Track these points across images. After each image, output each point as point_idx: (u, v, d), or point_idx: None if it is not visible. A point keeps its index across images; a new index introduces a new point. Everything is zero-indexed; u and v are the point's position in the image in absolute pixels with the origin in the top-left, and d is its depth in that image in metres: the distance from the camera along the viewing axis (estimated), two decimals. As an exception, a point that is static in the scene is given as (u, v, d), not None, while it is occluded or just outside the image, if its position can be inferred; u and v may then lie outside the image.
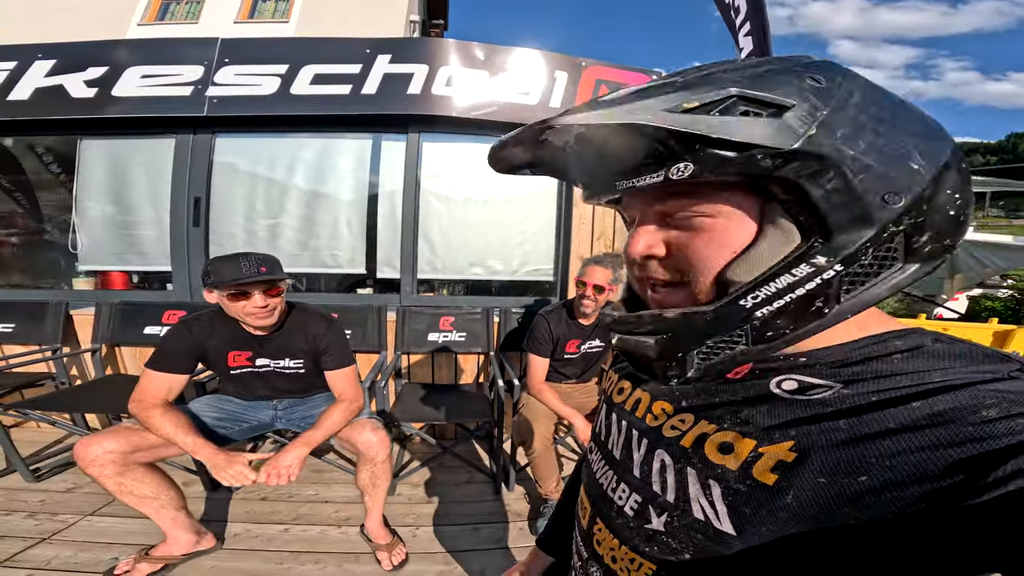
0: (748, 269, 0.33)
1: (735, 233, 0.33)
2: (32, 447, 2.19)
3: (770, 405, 0.35)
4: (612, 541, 0.44)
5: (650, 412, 0.45)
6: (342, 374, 1.62)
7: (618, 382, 0.54)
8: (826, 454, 0.30)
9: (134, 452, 1.35)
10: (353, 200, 2.67)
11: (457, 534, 1.74)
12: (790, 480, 0.31)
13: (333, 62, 2.43)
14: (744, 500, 0.33)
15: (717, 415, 0.38)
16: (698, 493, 0.36)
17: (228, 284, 1.38)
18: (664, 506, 0.39)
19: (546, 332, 1.93)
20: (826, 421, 0.31)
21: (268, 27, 8.23)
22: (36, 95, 2.41)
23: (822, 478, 0.30)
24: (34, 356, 2.24)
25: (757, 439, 0.34)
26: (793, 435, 0.32)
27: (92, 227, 2.66)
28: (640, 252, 0.38)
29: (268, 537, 1.66)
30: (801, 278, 0.31)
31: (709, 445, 0.37)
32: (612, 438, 0.49)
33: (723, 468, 0.35)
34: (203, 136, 2.56)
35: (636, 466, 0.43)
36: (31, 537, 1.58)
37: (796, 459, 0.31)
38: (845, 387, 0.33)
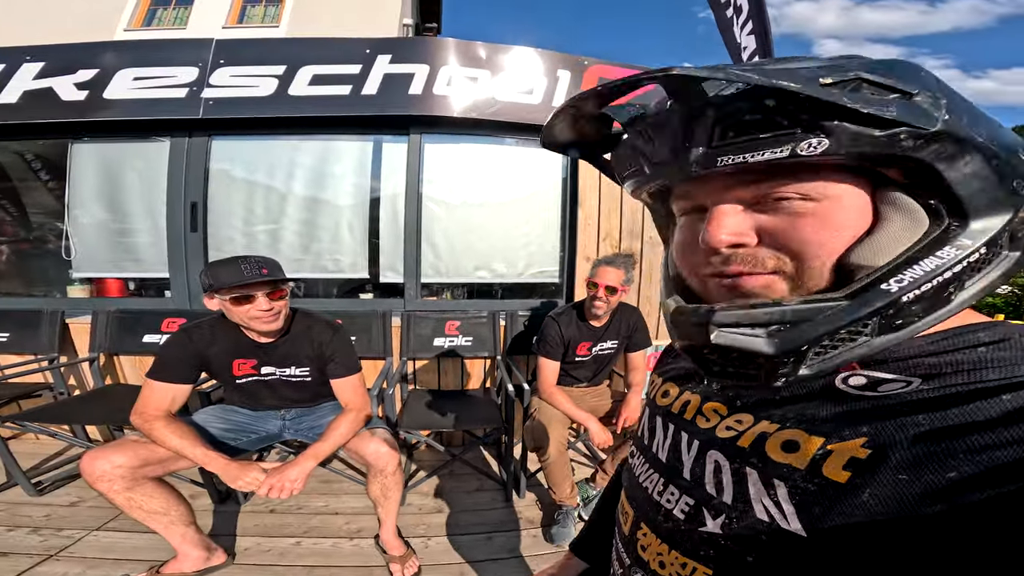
0: (878, 253, 0.31)
1: (849, 216, 0.32)
2: (33, 459, 2.13)
3: (837, 402, 0.34)
4: (659, 546, 0.42)
5: (700, 414, 0.44)
6: (348, 382, 1.57)
7: (662, 385, 0.53)
8: (906, 450, 0.29)
9: (143, 466, 1.31)
10: (354, 203, 2.62)
11: (470, 543, 1.70)
12: (865, 478, 0.30)
13: (332, 62, 2.39)
14: (814, 499, 0.32)
15: (779, 414, 0.37)
16: (760, 493, 0.35)
17: (230, 287, 1.34)
18: (721, 508, 0.37)
19: (557, 335, 1.90)
20: (903, 416, 0.30)
21: (258, 32, 8.14)
22: (25, 98, 2.35)
23: (903, 475, 0.28)
24: (30, 366, 2.18)
25: (825, 436, 0.33)
26: (866, 431, 0.31)
27: (86, 233, 2.59)
28: (727, 241, 0.34)
29: (280, 551, 1.61)
30: (948, 260, 0.30)
31: (771, 444, 0.36)
32: (657, 441, 0.48)
33: (788, 467, 0.34)
34: (199, 139, 2.51)
35: (686, 469, 0.42)
36: (37, 554, 1.53)
37: (871, 456, 0.30)
38: (924, 382, 0.31)
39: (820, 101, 0.27)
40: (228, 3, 8.53)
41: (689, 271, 0.40)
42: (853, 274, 0.32)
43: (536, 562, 1.62)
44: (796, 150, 0.29)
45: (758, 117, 0.29)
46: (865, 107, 0.27)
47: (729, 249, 0.35)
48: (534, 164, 2.68)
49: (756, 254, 0.34)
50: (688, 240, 0.39)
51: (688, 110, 0.32)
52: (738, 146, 0.30)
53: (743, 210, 0.34)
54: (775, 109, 0.29)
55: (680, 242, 0.40)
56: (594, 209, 2.57)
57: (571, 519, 1.76)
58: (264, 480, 1.30)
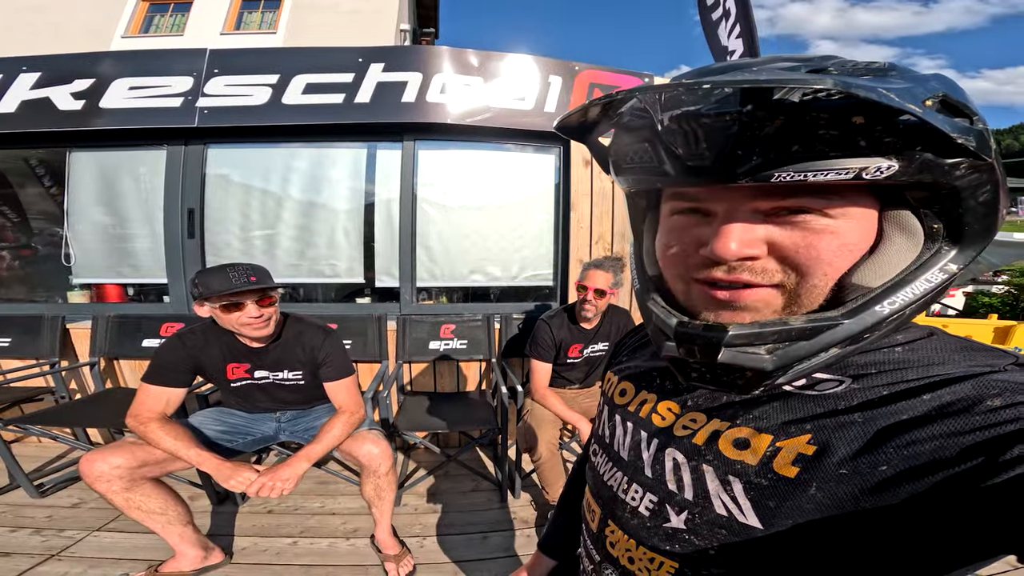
0: (878, 273, 0.32)
1: (861, 235, 0.32)
2: (35, 462, 2.17)
3: (782, 401, 0.36)
4: (628, 542, 0.44)
5: (656, 413, 0.45)
6: (341, 385, 1.60)
7: (618, 384, 0.53)
8: (845, 446, 0.31)
9: (141, 467, 1.34)
10: (350, 209, 2.65)
11: (465, 543, 1.73)
12: (812, 472, 0.32)
13: (325, 71, 2.42)
14: (768, 494, 0.34)
15: (729, 413, 0.39)
16: (718, 489, 0.36)
17: (220, 295, 1.36)
18: (683, 504, 0.39)
19: (548, 337, 1.94)
20: (841, 415, 0.33)
21: (255, 38, 8.17)
22: (22, 108, 2.38)
23: (843, 469, 0.31)
24: (32, 371, 2.21)
25: (773, 434, 0.35)
26: (809, 428, 0.33)
27: (85, 240, 2.62)
28: (739, 254, 0.33)
29: (276, 551, 1.64)
30: (935, 284, 0.31)
31: (723, 442, 0.37)
32: (617, 440, 0.49)
33: (742, 464, 0.36)
34: (195, 147, 2.54)
35: (647, 466, 0.43)
36: (39, 554, 1.56)
37: (816, 452, 0.32)
38: (855, 381, 0.34)
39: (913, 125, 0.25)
40: (225, 10, 8.57)
41: (676, 273, 0.38)
42: (848, 292, 0.32)
43: (530, 561, 1.65)
44: (862, 173, 0.27)
45: (835, 134, 0.26)
46: (959, 137, 0.26)
47: (738, 261, 0.33)
48: (527, 169, 2.72)
49: (764, 267, 0.33)
50: (682, 242, 0.37)
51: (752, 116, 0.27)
52: (801, 162, 0.27)
53: (756, 220, 0.33)
54: (860, 127, 0.26)
55: (670, 242, 0.38)
56: (586, 213, 2.60)
57: (564, 518, 1.79)
58: (256, 479, 1.33)
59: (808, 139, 0.27)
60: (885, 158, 0.27)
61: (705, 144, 0.30)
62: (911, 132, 0.26)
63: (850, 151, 0.27)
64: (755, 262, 0.34)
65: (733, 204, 0.33)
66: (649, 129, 0.32)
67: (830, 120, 0.26)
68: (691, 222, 0.36)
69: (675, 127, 0.30)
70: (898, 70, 0.29)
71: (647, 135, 0.33)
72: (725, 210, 0.34)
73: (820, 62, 0.31)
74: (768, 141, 0.28)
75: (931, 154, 0.27)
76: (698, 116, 0.29)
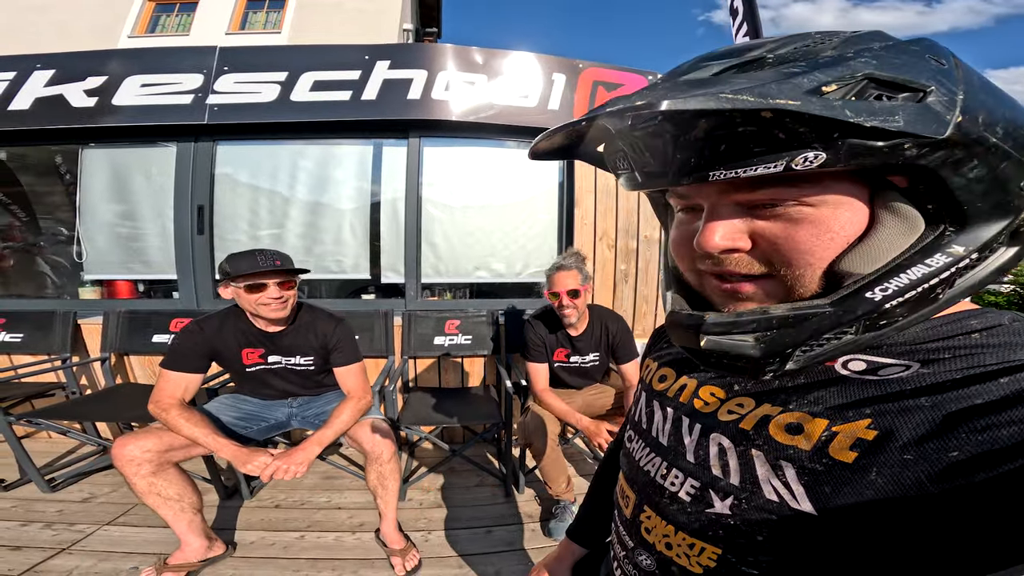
0: (868, 260, 0.31)
1: (845, 222, 0.32)
2: (46, 457, 2.19)
3: (840, 386, 0.35)
4: (665, 528, 0.43)
5: (698, 397, 0.45)
6: (350, 370, 1.66)
7: (657, 370, 0.53)
8: (910, 431, 0.30)
9: (168, 451, 1.39)
10: (356, 206, 2.67)
11: (470, 538, 1.74)
12: (872, 457, 0.31)
13: (332, 69, 2.44)
14: (823, 479, 0.33)
15: (781, 398, 0.38)
16: (768, 474, 0.36)
17: (245, 275, 1.44)
18: (728, 489, 0.38)
19: (536, 337, 1.93)
20: (906, 399, 0.31)
21: (260, 38, 8.21)
22: (36, 105, 2.42)
23: (908, 454, 0.30)
24: (43, 366, 2.25)
25: (829, 418, 0.34)
26: (869, 413, 0.32)
27: (96, 236, 2.66)
28: (720, 246, 0.34)
29: (284, 544, 1.66)
30: (937, 268, 0.30)
31: (774, 427, 0.37)
32: (656, 425, 0.49)
33: (795, 449, 0.35)
34: (204, 144, 2.57)
35: (690, 451, 0.43)
36: (50, 547, 1.58)
37: (877, 437, 0.31)
38: (924, 367, 0.32)
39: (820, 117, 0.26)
40: (230, 9, 8.62)
41: (684, 267, 0.40)
42: (842, 280, 0.32)
43: (535, 555, 1.65)
44: (791, 164, 0.28)
45: (752, 130, 0.28)
46: (868, 120, 0.26)
47: (722, 254, 0.35)
48: (531, 166, 2.72)
49: (749, 259, 0.35)
50: (683, 237, 0.39)
51: (677, 124, 0.30)
52: (731, 160, 0.29)
53: (739, 214, 0.34)
54: (770, 122, 0.27)
55: (675, 238, 0.40)
56: (590, 209, 2.61)
57: (568, 513, 1.80)
58: (271, 463, 1.37)
59: (732, 139, 0.29)
60: (809, 148, 0.28)
61: (648, 154, 0.33)
62: (816, 121, 0.26)
63: (772, 145, 0.28)
64: (740, 255, 0.35)
65: (715, 199, 0.35)
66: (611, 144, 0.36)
67: (744, 119, 0.28)
68: (689, 218, 0.38)
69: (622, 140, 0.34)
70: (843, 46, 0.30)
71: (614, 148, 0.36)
72: (710, 205, 0.35)
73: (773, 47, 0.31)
74: (699, 144, 0.30)
75: (855, 139, 0.27)
76: (632, 133, 0.32)
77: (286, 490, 2.02)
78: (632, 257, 2.66)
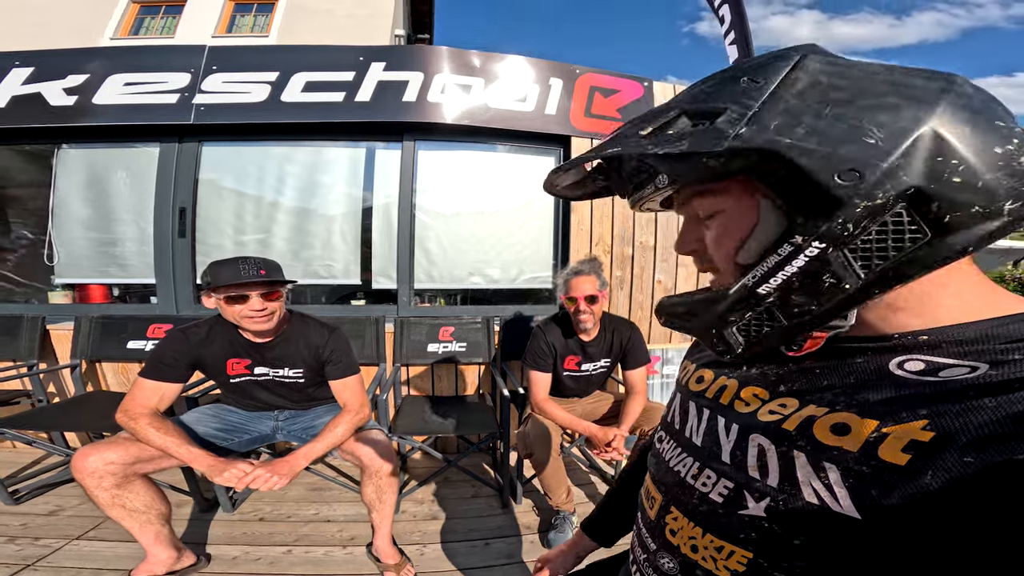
0: (747, 253, 0.38)
1: (739, 223, 0.38)
2: (9, 468, 2.05)
3: (893, 386, 0.34)
4: (693, 529, 0.43)
5: (739, 399, 0.44)
6: (347, 383, 1.57)
7: (695, 371, 0.53)
8: (971, 432, 0.28)
9: (134, 463, 1.29)
10: (347, 210, 2.61)
11: (467, 551, 1.67)
12: (927, 460, 0.29)
13: (325, 69, 2.40)
14: (871, 482, 0.31)
15: (827, 398, 0.37)
16: (809, 476, 0.34)
17: (226, 286, 1.35)
18: (764, 491, 0.37)
19: (545, 345, 1.86)
20: (968, 400, 0.30)
21: (247, 41, 8.12)
22: (12, 103, 2.32)
23: (968, 457, 0.28)
24: (8, 373, 2.11)
25: (879, 419, 0.32)
26: (925, 414, 0.31)
27: (70, 239, 2.53)
28: (681, 251, 0.46)
29: (270, 560, 1.56)
30: (785, 256, 0.34)
31: (819, 427, 0.35)
32: (690, 426, 0.49)
33: (840, 450, 0.33)
34: (189, 145, 2.49)
35: (725, 452, 0.42)
36: (13, 563, 1.47)
37: (934, 439, 0.30)
38: (992, 368, 0.30)
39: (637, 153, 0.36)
40: (218, 12, 8.53)
41: None
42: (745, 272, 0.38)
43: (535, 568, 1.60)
44: (655, 185, 0.40)
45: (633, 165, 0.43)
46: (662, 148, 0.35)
47: (687, 255, 0.46)
48: (527, 171, 2.71)
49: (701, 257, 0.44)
50: None
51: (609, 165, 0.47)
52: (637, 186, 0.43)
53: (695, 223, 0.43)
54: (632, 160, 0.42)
55: None
56: (587, 215, 2.60)
57: (568, 524, 1.75)
58: (251, 470, 1.28)
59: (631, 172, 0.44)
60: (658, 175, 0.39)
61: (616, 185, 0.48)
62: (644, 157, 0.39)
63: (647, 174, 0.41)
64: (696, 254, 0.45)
65: (685, 211, 0.45)
66: None
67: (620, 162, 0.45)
68: None
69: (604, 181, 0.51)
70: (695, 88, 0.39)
71: None
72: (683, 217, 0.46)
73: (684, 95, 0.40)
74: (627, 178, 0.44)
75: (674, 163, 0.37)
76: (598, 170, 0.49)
77: (271, 502, 1.92)
78: (627, 263, 2.66)
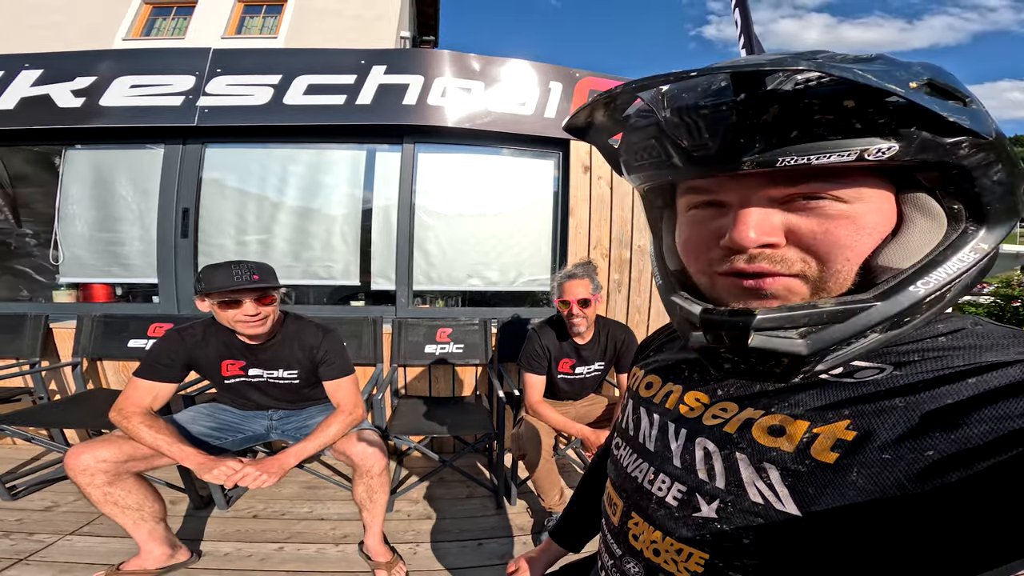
0: (905, 255, 0.32)
1: (879, 218, 0.32)
2: (8, 464, 2.08)
3: (818, 388, 0.36)
4: (653, 534, 0.43)
5: (683, 403, 0.45)
6: (340, 383, 1.58)
7: (644, 377, 0.54)
8: (887, 431, 0.31)
9: (127, 462, 1.31)
10: (347, 212, 2.64)
11: (459, 551, 1.68)
12: (852, 458, 0.31)
13: (327, 72, 2.43)
14: (807, 480, 0.33)
15: (763, 401, 0.38)
16: (752, 477, 0.36)
17: (219, 292, 1.37)
18: (714, 493, 0.38)
19: (540, 348, 1.88)
20: (881, 400, 0.32)
21: (256, 43, 8.22)
22: (21, 104, 2.37)
23: (886, 454, 0.30)
24: (11, 370, 2.15)
25: (810, 420, 0.34)
26: (848, 414, 0.33)
27: (75, 239, 2.57)
28: (759, 240, 0.33)
29: (261, 557, 1.58)
30: (969, 264, 0.31)
31: (757, 429, 0.37)
32: (643, 432, 0.49)
33: (777, 451, 0.35)
34: (193, 146, 2.52)
35: (676, 456, 0.43)
36: (6, 557, 1.49)
37: (856, 437, 0.32)
38: (897, 368, 0.33)
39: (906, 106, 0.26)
40: (227, 13, 8.63)
41: (698, 268, 0.39)
42: (876, 275, 0.32)
43: (525, 569, 1.60)
44: (863, 154, 0.28)
45: (830, 117, 0.28)
46: (951, 115, 0.27)
47: (757, 249, 0.34)
48: (526, 174, 2.72)
49: (784, 255, 0.33)
50: (701, 236, 0.37)
51: (747, 104, 0.29)
52: (802, 146, 0.28)
53: (772, 209, 0.33)
54: (852, 111, 0.27)
55: (690, 237, 0.39)
56: (585, 218, 2.61)
57: (560, 526, 1.75)
58: (241, 468, 1.30)
59: (806, 124, 0.28)
60: (883, 139, 0.28)
61: (708, 134, 0.31)
62: (903, 113, 0.27)
63: (847, 133, 0.28)
64: (775, 250, 0.34)
65: (747, 193, 0.34)
66: (655, 125, 0.34)
67: (823, 105, 0.28)
68: (708, 215, 0.37)
69: (677, 120, 0.32)
70: (884, 59, 0.30)
71: (653, 131, 0.34)
72: (740, 199, 0.34)
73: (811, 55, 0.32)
74: (768, 128, 0.29)
75: (928, 133, 0.28)
76: (698, 108, 0.31)
77: (265, 500, 1.94)
78: (625, 267, 2.66)
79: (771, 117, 0.29)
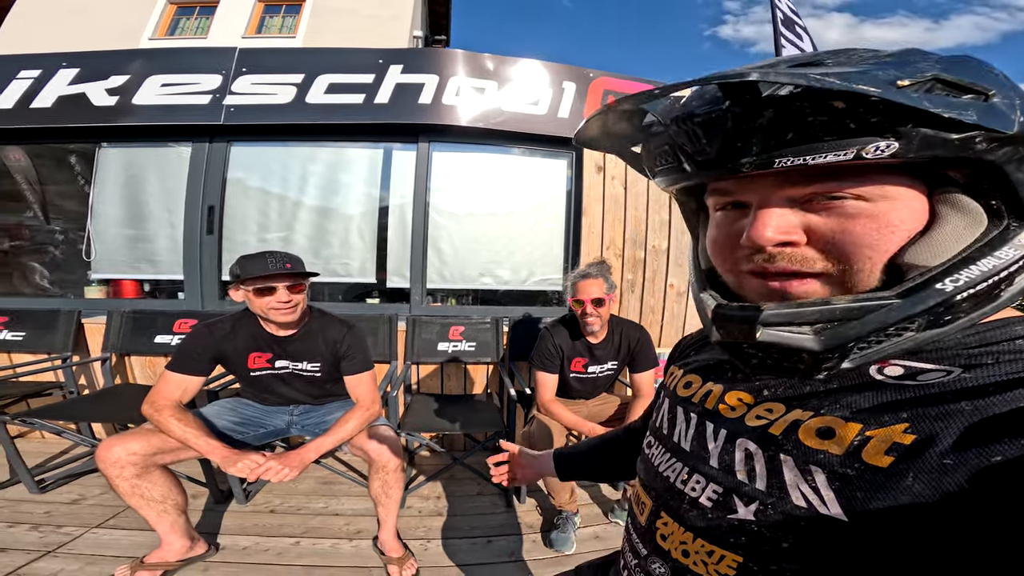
0: (935, 252, 0.31)
1: (906, 216, 0.31)
2: (37, 458, 2.17)
3: (875, 390, 0.34)
4: (683, 534, 0.42)
5: (723, 403, 0.44)
6: (361, 379, 1.63)
7: (683, 376, 0.53)
8: (951, 435, 0.29)
9: (155, 454, 1.37)
10: (364, 210, 2.68)
11: (469, 548, 1.70)
12: (909, 462, 0.30)
13: (347, 71, 2.46)
14: (855, 484, 0.32)
15: (812, 403, 0.37)
16: (797, 479, 0.35)
17: (255, 278, 1.44)
18: (753, 495, 0.37)
19: (552, 347, 1.88)
20: (946, 403, 0.30)
21: (275, 41, 8.35)
22: (59, 103, 2.44)
23: (947, 459, 0.29)
24: (43, 365, 2.23)
25: (863, 423, 0.33)
26: (906, 417, 0.31)
27: (107, 235, 2.67)
28: (775, 239, 0.33)
29: (278, 551, 1.63)
30: (1006, 260, 0.30)
31: (804, 431, 0.36)
32: (678, 431, 0.48)
33: (825, 453, 0.34)
34: (219, 144, 2.59)
35: (713, 456, 0.42)
36: (35, 550, 1.54)
37: (915, 441, 0.30)
38: (966, 371, 0.31)
39: (895, 104, 0.26)
40: (248, 13, 8.78)
41: (726, 267, 0.39)
42: (904, 273, 0.32)
43: (535, 566, 1.61)
44: (861, 153, 0.28)
45: (823, 119, 0.28)
46: (947, 111, 0.27)
47: (775, 248, 0.34)
48: (539, 173, 2.72)
49: (804, 254, 0.34)
50: (726, 236, 0.38)
51: (743, 109, 0.30)
52: (798, 148, 0.29)
53: (792, 208, 0.34)
54: (843, 111, 0.28)
55: (716, 237, 0.40)
56: (598, 218, 2.59)
57: (571, 525, 1.75)
58: (263, 462, 1.35)
59: (800, 126, 0.29)
60: (881, 137, 0.28)
61: (705, 140, 0.33)
62: (894, 111, 0.27)
63: (843, 133, 0.28)
64: (795, 249, 0.34)
65: (766, 193, 0.34)
66: (664, 132, 0.36)
67: (814, 107, 0.28)
68: (733, 216, 0.38)
69: (677, 128, 0.34)
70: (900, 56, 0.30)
71: (664, 138, 0.36)
72: (759, 199, 0.35)
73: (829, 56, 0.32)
74: (764, 130, 0.30)
75: (928, 130, 0.27)
76: (692, 116, 0.33)
77: (282, 495, 1.99)
78: (639, 267, 2.64)
79: (767, 121, 0.30)
